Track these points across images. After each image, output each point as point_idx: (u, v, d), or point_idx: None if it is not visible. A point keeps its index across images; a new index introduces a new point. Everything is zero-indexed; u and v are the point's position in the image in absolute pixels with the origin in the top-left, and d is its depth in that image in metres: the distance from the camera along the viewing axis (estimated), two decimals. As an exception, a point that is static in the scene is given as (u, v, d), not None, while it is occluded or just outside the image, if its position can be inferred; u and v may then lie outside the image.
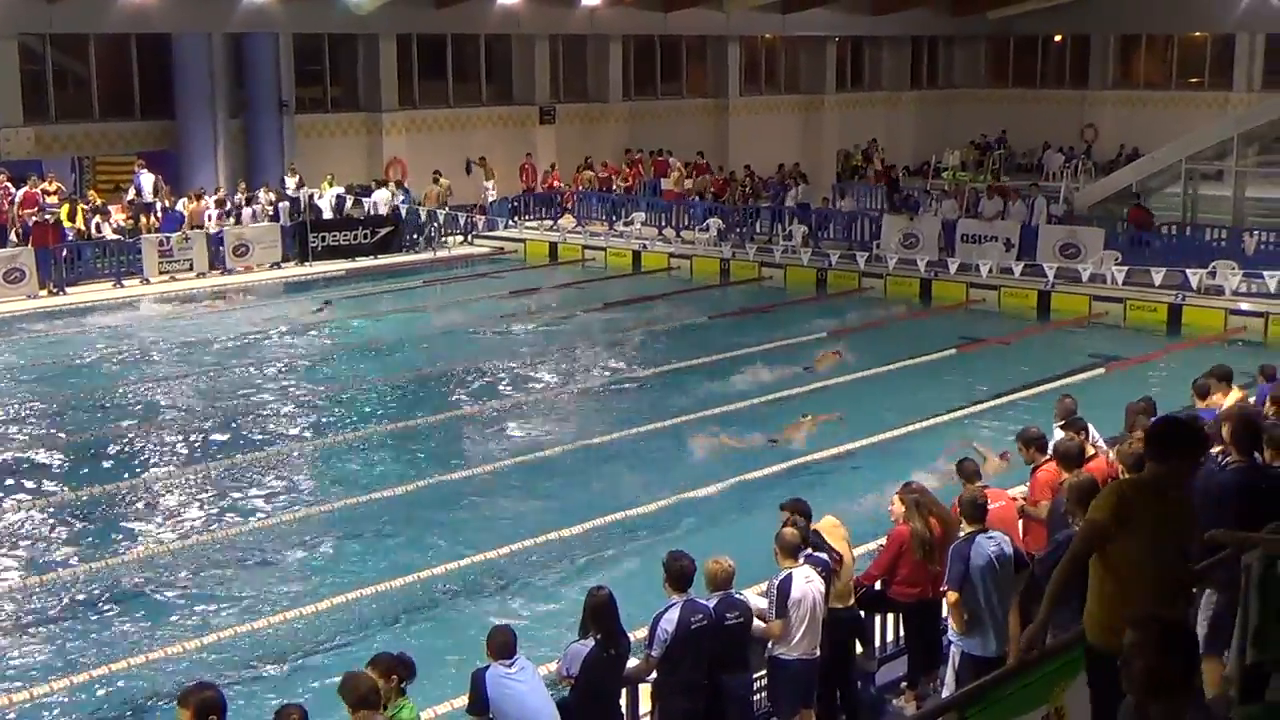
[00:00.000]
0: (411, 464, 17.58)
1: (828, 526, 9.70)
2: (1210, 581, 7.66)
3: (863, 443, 17.72)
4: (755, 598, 9.16)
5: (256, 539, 14.77)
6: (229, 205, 30.99)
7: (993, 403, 19.90)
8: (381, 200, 33.48)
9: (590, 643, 8.24)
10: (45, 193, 29.58)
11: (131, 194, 31.04)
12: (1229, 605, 7.30)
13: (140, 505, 15.96)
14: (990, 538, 8.95)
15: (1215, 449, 9.03)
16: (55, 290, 27.65)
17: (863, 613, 10.00)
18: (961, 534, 9.04)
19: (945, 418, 19.00)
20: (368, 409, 20.26)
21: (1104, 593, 6.27)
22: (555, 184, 37.68)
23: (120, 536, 14.87)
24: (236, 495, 16.25)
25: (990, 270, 28.10)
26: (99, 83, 32.55)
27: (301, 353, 23.95)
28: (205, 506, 15.91)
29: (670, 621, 8.42)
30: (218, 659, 11.83)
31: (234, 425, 19.18)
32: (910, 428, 18.42)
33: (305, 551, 14.55)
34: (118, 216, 29.78)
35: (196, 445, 18.33)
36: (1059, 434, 11.02)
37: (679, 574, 8.55)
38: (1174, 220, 30.94)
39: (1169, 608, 5.93)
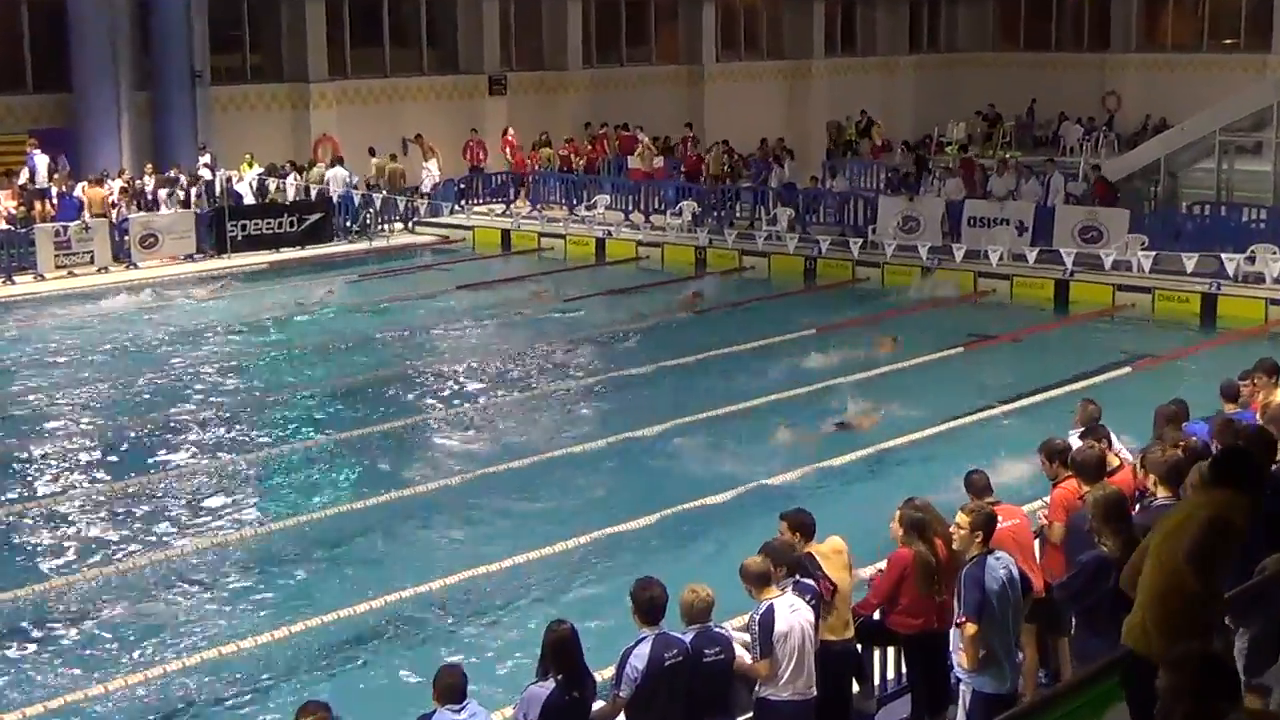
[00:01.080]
0: (349, 482, 17.56)
1: (828, 550, 9.65)
2: (1234, 613, 7.80)
3: (862, 453, 17.77)
4: (737, 632, 9.14)
5: (180, 566, 14.69)
6: (181, 184, 31.08)
7: (1004, 408, 19.96)
8: (337, 179, 33.28)
9: (550, 684, 8.20)
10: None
11: (23, 177, 30.80)
12: (1262, 633, 7.45)
13: (45, 531, 15.84)
14: (998, 559, 8.95)
15: None
16: (-63, 288, 27.52)
17: (860, 646, 9.99)
18: (969, 557, 9.00)
19: (954, 424, 19.07)
20: (301, 420, 20.23)
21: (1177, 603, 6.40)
22: (523, 163, 37.58)
23: (23, 567, 14.74)
24: (157, 518, 16.18)
25: (1001, 257, 28.19)
26: (-15, 51, 32.40)
27: (224, 357, 23.85)
28: (122, 530, 15.84)
29: (641, 658, 8.39)
30: (138, 700, 11.76)
31: (148, 439, 19.18)
32: (913, 436, 18.46)
33: (234, 581, 14.49)
34: (7, 203, 29.57)
35: (109, 461, 18.27)
36: (1077, 443, 11.03)
37: (648, 604, 8.52)
38: (1207, 199, 31.08)
39: (1207, 639, 6.02)
